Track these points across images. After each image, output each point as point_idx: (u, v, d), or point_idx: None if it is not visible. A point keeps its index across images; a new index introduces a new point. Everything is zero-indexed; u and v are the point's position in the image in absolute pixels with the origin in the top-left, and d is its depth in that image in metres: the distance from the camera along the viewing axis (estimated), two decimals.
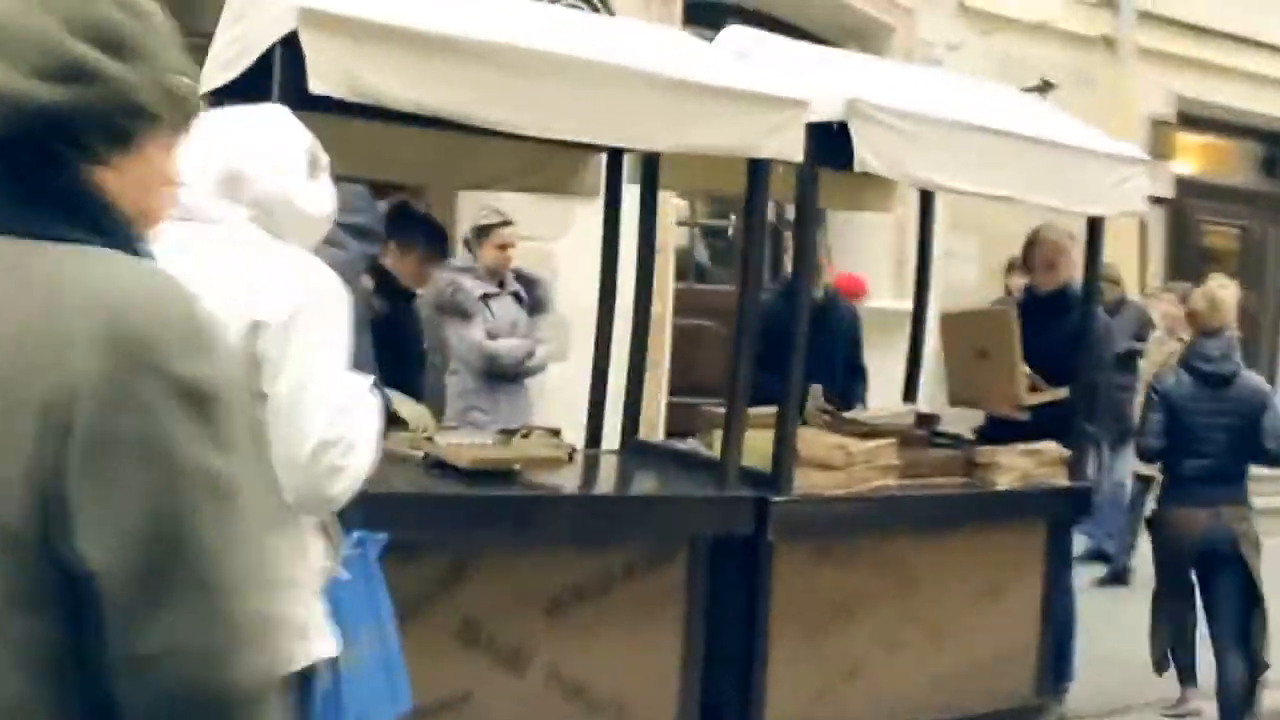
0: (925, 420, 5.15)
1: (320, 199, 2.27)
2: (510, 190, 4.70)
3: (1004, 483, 4.45)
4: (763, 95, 3.61)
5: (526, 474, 3.74)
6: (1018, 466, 4.51)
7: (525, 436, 4.26)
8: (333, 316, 2.11)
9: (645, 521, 3.76)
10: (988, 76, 6.74)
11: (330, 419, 2.04)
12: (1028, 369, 4.63)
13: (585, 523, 3.64)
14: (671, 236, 7.20)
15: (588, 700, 3.72)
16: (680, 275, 7.76)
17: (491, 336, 4.99)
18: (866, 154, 3.72)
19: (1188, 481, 4.71)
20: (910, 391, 5.39)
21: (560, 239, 6.43)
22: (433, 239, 4.64)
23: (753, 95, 3.59)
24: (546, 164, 4.53)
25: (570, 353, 5.75)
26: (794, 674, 4.07)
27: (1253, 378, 4.84)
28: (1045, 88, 7.13)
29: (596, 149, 4.46)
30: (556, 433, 4.42)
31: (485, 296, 5.03)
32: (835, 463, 4.04)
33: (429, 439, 3.89)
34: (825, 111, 3.76)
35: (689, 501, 3.86)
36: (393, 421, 4.19)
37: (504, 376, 5.04)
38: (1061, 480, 4.65)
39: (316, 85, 3.04)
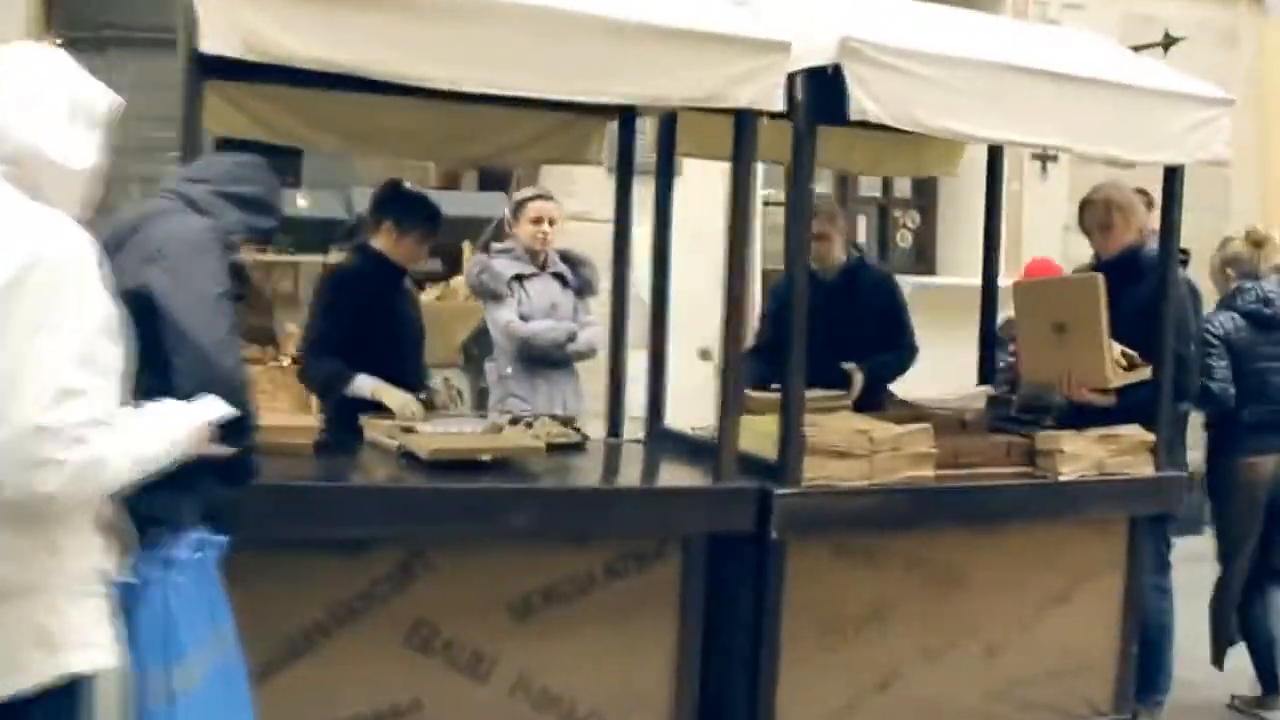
0: (999, 404, 4.65)
1: (80, 151, 2.02)
2: (518, 163, 4.39)
3: (1069, 472, 3.91)
4: (735, 38, 3.21)
5: (527, 465, 3.50)
6: (1088, 455, 3.95)
7: (528, 426, 3.98)
8: (68, 293, 1.85)
9: (625, 517, 3.39)
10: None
11: (46, 405, 1.79)
12: (1118, 346, 4.08)
13: (553, 518, 3.30)
14: (760, 213, 6.80)
15: (562, 712, 3.40)
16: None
17: (525, 319, 4.72)
18: (864, 99, 3.27)
19: (1251, 430, 4.48)
20: (985, 373, 4.87)
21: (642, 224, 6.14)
22: (426, 218, 4.37)
23: (723, 38, 3.20)
24: (556, 133, 4.23)
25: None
26: (813, 685, 3.65)
27: None
28: (1169, 43, 6.40)
29: (606, 114, 4.15)
30: (568, 421, 4.13)
31: (519, 277, 4.76)
32: (856, 450, 3.60)
33: (407, 429, 3.64)
34: (820, 56, 3.33)
35: (676, 494, 3.49)
36: (378, 409, 4.01)
37: (544, 361, 4.76)
38: (1145, 469, 4.07)
39: (209, 44, 2.82)
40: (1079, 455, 3.94)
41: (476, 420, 3.81)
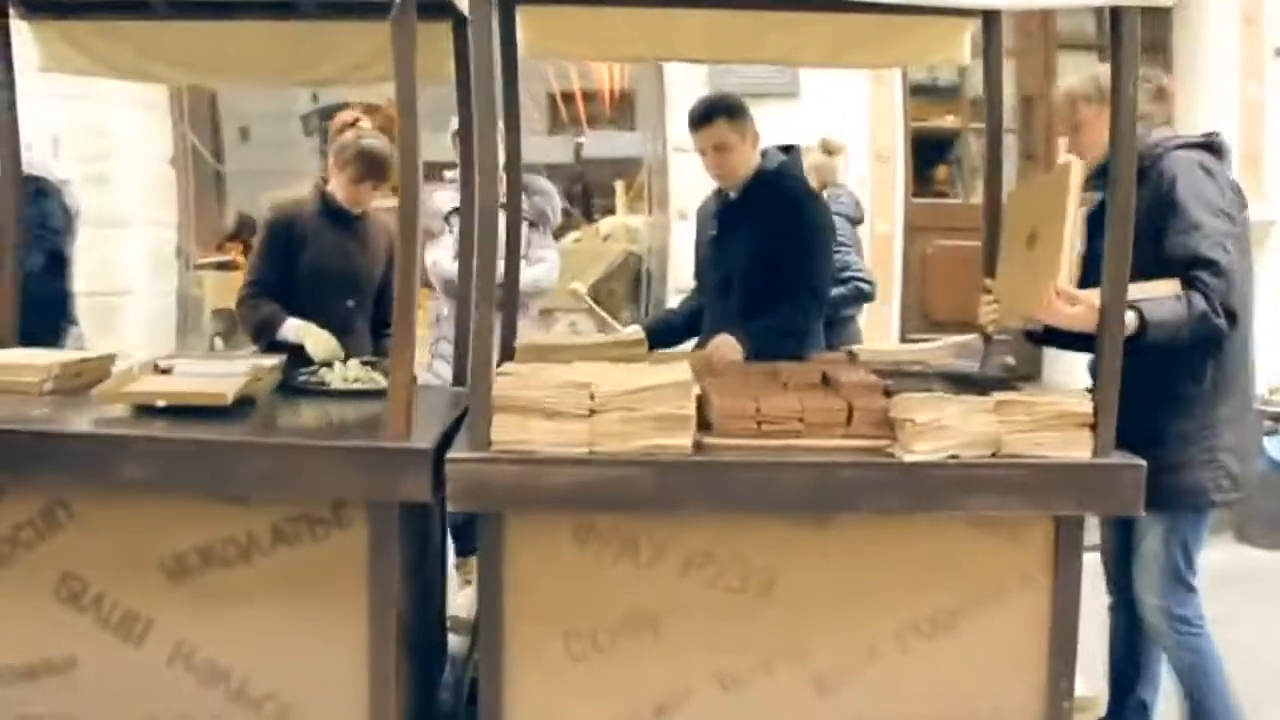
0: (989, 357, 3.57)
1: None
2: (364, 81, 3.93)
3: (922, 451, 2.86)
4: None
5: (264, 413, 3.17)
6: (960, 429, 2.87)
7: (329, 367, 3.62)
8: None
9: (258, 475, 2.89)
10: None
11: None
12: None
13: (171, 471, 2.90)
14: (897, 139, 5.73)
15: (232, 690, 3.02)
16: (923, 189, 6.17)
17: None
18: None
19: None
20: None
21: None
22: (355, 158, 4.10)
23: None
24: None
25: None
26: (560, 700, 2.98)
27: None
28: None
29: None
30: (371, 364, 3.70)
31: (458, 210, 4.33)
32: (569, 409, 2.85)
33: (164, 369, 3.42)
34: None
35: (327, 452, 2.93)
36: (296, 353, 3.83)
37: None
38: (1074, 451, 2.89)
39: None
40: (942, 428, 2.87)
41: (233, 363, 3.46)
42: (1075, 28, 6.76)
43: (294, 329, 4.01)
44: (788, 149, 4.15)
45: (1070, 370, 3.96)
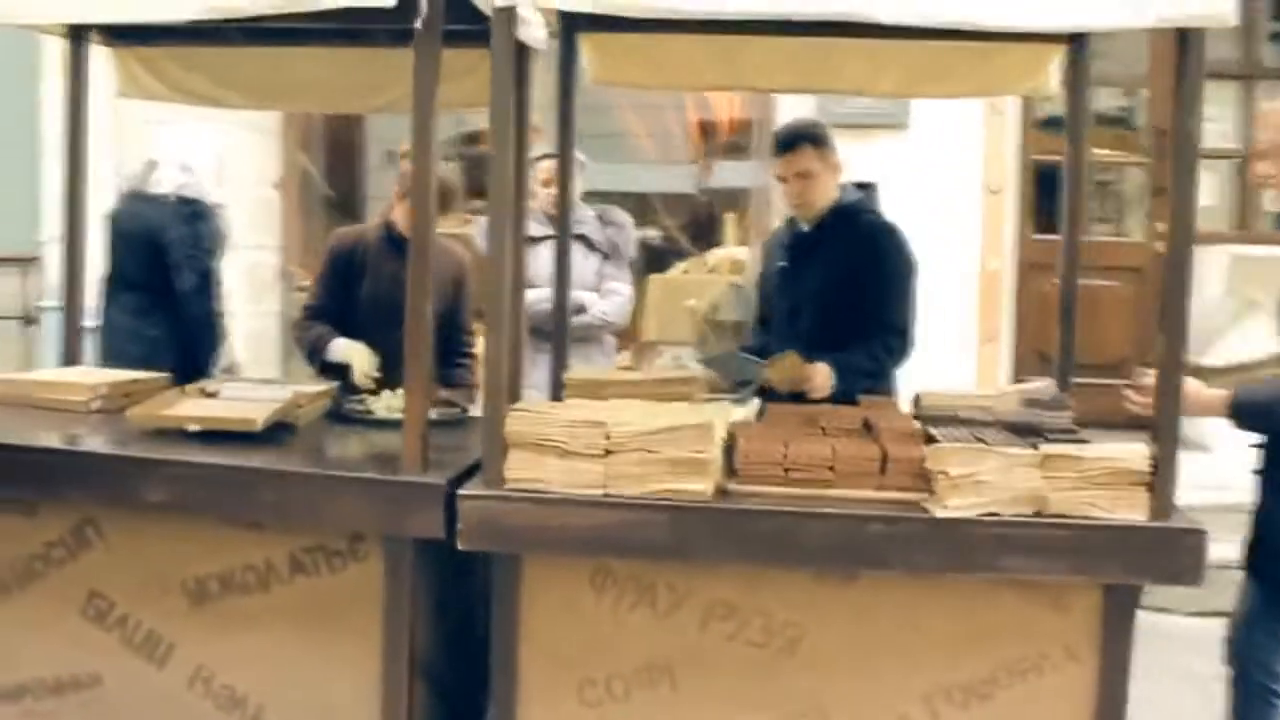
0: (1046, 407, 3.34)
1: None
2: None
3: (956, 507, 2.67)
4: None
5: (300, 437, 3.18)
6: (999, 483, 2.67)
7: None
8: None
9: (271, 504, 2.87)
10: None
11: None
12: None
13: (191, 496, 2.90)
14: (1009, 172, 5.44)
15: (247, 717, 3.01)
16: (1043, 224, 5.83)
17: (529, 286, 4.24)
18: None
19: None
20: (1065, 370, 3.49)
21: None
22: None
23: None
24: (466, 75, 3.72)
25: None
26: None
27: None
28: None
29: None
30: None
31: (530, 240, 4.27)
32: (583, 449, 2.75)
33: (210, 392, 3.44)
34: None
35: (340, 484, 2.88)
36: (334, 370, 3.86)
37: (545, 334, 4.25)
38: (1130, 512, 2.66)
39: None
40: (980, 483, 2.67)
41: (279, 389, 3.46)
42: (1216, 55, 6.34)
43: (341, 349, 4.02)
44: (864, 186, 3.99)
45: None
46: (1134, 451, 2.71)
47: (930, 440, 2.92)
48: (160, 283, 4.69)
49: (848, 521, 2.70)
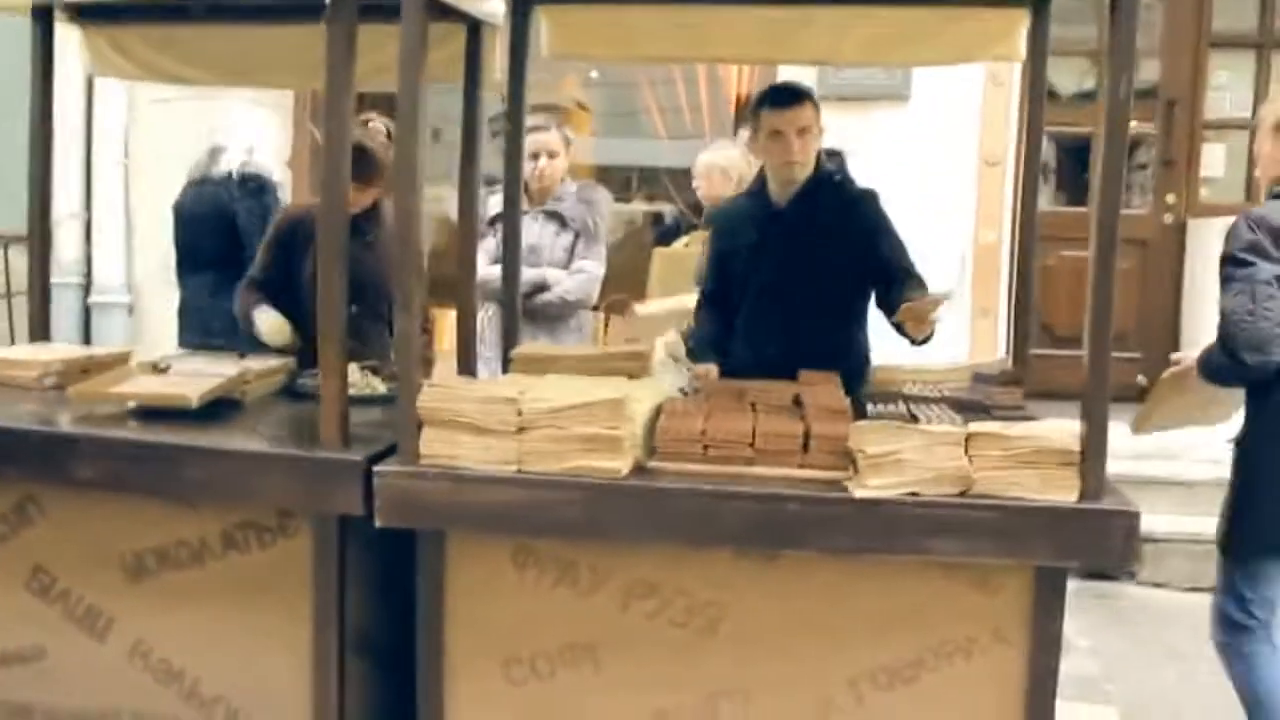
0: (1003, 382, 3.28)
1: None
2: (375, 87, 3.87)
3: (873, 487, 2.60)
4: None
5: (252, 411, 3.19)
6: (920, 462, 2.60)
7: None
8: None
9: (213, 483, 2.88)
10: None
11: None
12: None
13: (122, 473, 2.92)
14: (1008, 144, 5.30)
15: (184, 690, 3.04)
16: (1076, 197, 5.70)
17: (496, 262, 4.22)
18: None
19: None
20: (1020, 342, 3.40)
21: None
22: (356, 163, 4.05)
23: None
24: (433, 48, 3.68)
25: None
26: None
27: None
28: None
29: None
30: (374, 370, 3.65)
31: (499, 217, 4.26)
32: (496, 425, 2.72)
33: (161, 368, 3.47)
34: None
35: (268, 461, 2.88)
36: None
37: (540, 312, 4.23)
38: (1060, 493, 2.58)
39: None
40: (901, 462, 2.61)
41: (228, 365, 3.46)
42: (1226, 25, 6.16)
43: (260, 320, 3.98)
44: (833, 154, 3.91)
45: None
46: (1063, 430, 2.63)
47: (862, 418, 2.87)
48: (234, 259, 4.84)
49: (765, 501, 2.65)
